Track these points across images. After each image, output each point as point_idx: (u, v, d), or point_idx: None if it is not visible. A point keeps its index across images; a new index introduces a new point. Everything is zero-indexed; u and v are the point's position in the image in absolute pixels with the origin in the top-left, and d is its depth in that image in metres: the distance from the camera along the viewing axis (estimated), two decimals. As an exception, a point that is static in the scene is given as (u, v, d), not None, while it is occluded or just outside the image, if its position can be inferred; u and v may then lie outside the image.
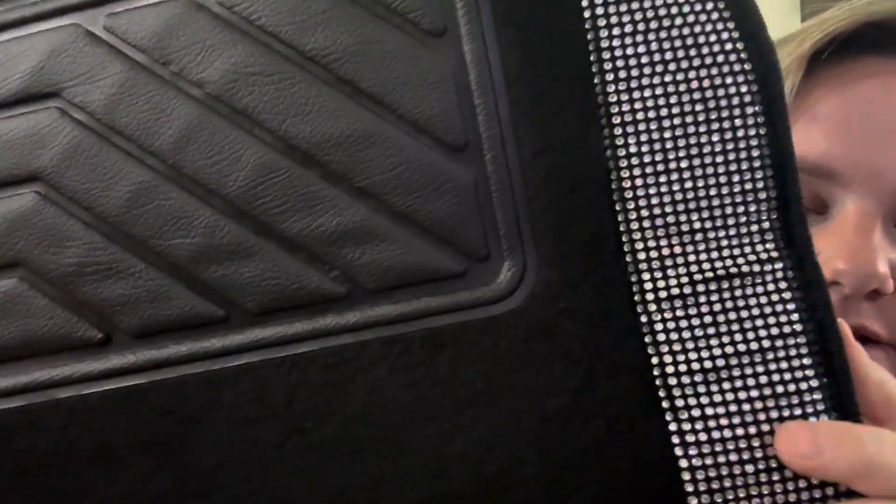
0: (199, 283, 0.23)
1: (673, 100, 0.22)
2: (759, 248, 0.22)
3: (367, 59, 0.22)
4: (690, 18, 0.21)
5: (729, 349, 0.21)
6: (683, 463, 0.21)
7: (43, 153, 0.23)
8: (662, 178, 0.22)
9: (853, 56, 0.36)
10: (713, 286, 0.21)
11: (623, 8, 0.22)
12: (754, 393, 0.21)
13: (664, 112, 0.22)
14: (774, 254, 0.21)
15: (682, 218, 0.22)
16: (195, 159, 0.23)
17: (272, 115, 0.23)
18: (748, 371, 0.21)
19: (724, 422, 0.21)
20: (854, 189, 0.35)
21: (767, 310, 0.21)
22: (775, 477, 0.20)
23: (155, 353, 0.23)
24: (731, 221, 0.22)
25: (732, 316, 0.21)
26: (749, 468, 0.20)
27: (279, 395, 0.22)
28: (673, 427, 0.21)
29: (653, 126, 0.22)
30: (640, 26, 0.22)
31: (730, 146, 0.22)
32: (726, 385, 0.21)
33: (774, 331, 0.21)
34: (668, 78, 0.22)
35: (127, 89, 0.23)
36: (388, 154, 0.22)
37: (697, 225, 0.22)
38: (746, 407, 0.21)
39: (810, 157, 0.35)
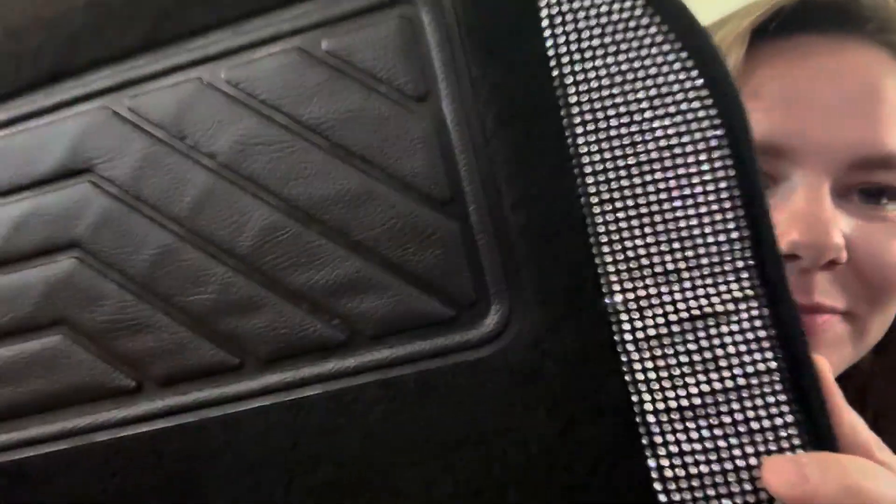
0: (216, 334, 0.25)
1: (640, 148, 0.23)
2: (734, 286, 0.22)
3: (357, 124, 0.24)
4: (653, 71, 0.22)
5: (705, 387, 0.22)
6: (663, 498, 0.21)
7: (79, 223, 0.26)
8: (635, 223, 0.23)
9: (795, 33, 0.36)
10: (688, 326, 0.22)
11: (589, 65, 0.23)
12: (731, 430, 0.21)
13: (632, 161, 0.23)
14: (749, 292, 0.22)
15: (656, 260, 0.23)
16: (209, 222, 0.25)
17: (275, 179, 0.25)
18: (724, 408, 0.22)
19: (701, 458, 0.21)
20: (802, 163, 0.35)
21: (742, 348, 0.22)
22: None
23: (179, 398, 0.25)
24: (704, 262, 0.22)
25: (708, 355, 0.22)
26: (726, 503, 0.21)
27: (285, 438, 0.24)
28: (652, 464, 0.22)
29: (623, 174, 0.23)
30: (606, 81, 0.23)
31: (698, 189, 0.22)
32: (703, 422, 0.22)
33: (750, 368, 0.22)
34: (635, 128, 0.23)
35: (149, 162, 0.26)
36: (380, 210, 0.24)
37: (671, 266, 0.22)
38: (723, 444, 0.21)
39: (757, 134, 0.34)
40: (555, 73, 0.23)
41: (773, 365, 0.22)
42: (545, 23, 0.23)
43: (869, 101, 0.35)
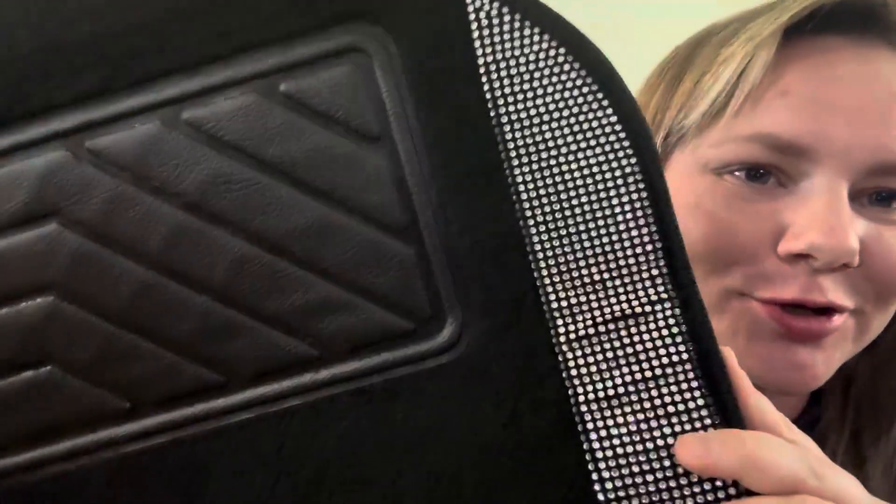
0: (200, 357, 0.28)
1: (567, 177, 0.26)
2: (651, 291, 0.26)
3: (318, 162, 0.27)
4: (575, 109, 0.26)
5: (628, 378, 0.26)
6: (595, 476, 0.26)
7: (52, 264, 0.28)
8: (566, 241, 0.26)
9: (826, 33, 0.37)
10: (612, 326, 0.26)
11: (521, 107, 0.26)
12: (651, 413, 0.26)
13: (561, 187, 0.26)
14: (664, 295, 0.26)
15: (584, 272, 0.26)
16: (182, 258, 0.28)
17: (243, 215, 0.27)
18: (645, 395, 0.26)
19: (627, 440, 0.26)
20: (823, 165, 0.36)
21: (658, 343, 0.26)
22: (673, 484, 0.25)
23: (172, 415, 0.28)
24: (624, 272, 0.26)
25: (629, 350, 0.26)
26: (650, 477, 0.25)
27: (270, 445, 0.27)
28: (586, 447, 0.26)
29: (553, 199, 0.26)
30: (536, 119, 0.26)
31: (617, 210, 0.26)
32: (627, 408, 0.26)
33: (665, 360, 0.26)
34: (562, 160, 0.26)
35: (117, 203, 0.28)
36: (342, 239, 0.27)
37: (597, 276, 0.26)
38: (645, 426, 0.26)
39: (783, 134, 0.36)
40: (492, 114, 0.26)
41: (686, 356, 0.26)
42: (482, 70, 0.26)
43: (891, 108, 0.36)
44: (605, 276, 0.26)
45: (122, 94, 0.28)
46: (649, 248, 0.26)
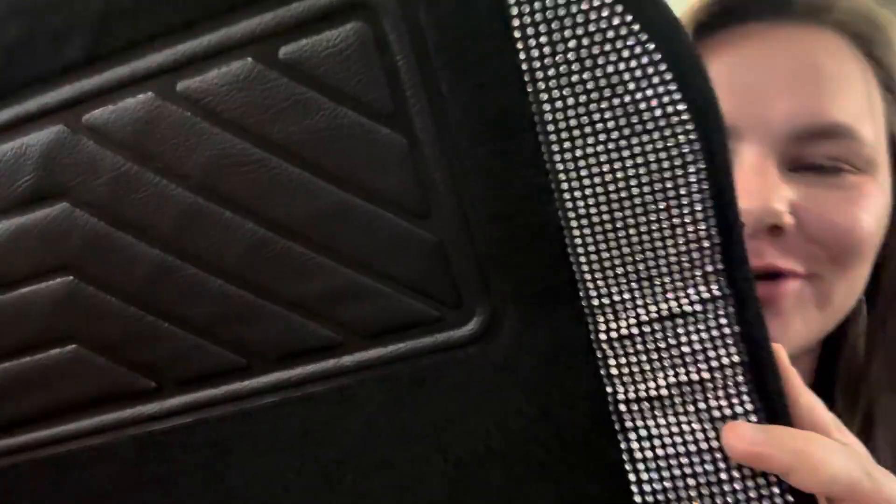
0: (221, 339, 0.27)
1: (617, 165, 0.23)
2: (703, 289, 0.24)
3: (329, 143, 0.24)
4: (632, 86, 0.22)
5: (672, 380, 0.24)
6: (632, 477, 0.25)
7: (66, 244, 0.26)
8: (611, 235, 0.23)
9: (738, 23, 0.39)
10: (658, 326, 0.24)
11: (564, 81, 0.22)
12: (695, 417, 0.24)
13: (609, 177, 0.23)
14: (717, 293, 0.24)
15: (630, 268, 0.24)
16: (196, 240, 0.26)
17: (254, 198, 0.25)
18: (690, 398, 0.24)
19: (668, 441, 0.24)
20: (747, 139, 0.38)
21: (709, 345, 0.24)
22: (715, 489, 0.24)
23: (197, 396, 0.28)
24: (675, 269, 0.23)
25: (676, 352, 0.24)
26: (691, 481, 0.24)
27: (294, 429, 0.27)
28: (623, 446, 0.25)
29: (599, 189, 0.23)
30: (582, 97, 0.22)
31: (673, 203, 0.23)
32: (670, 411, 0.24)
33: (714, 363, 0.24)
34: (612, 145, 0.22)
35: (124, 184, 0.25)
36: (362, 224, 0.25)
37: (644, 273, 0.24)
38: (688, 428, 0.24)
39: None
40: (529, 88, 0.22)
41: (737, 359, 0.24)
42: (517, 34, 0.22)
43: (805, 76, 0.37)
44: (654, 272, 0.24)
45: (110, 61, 0.24)
46: (706, 244, 0.23)
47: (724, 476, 0.24)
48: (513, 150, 0.23)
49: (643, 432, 0.25)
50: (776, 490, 0.24)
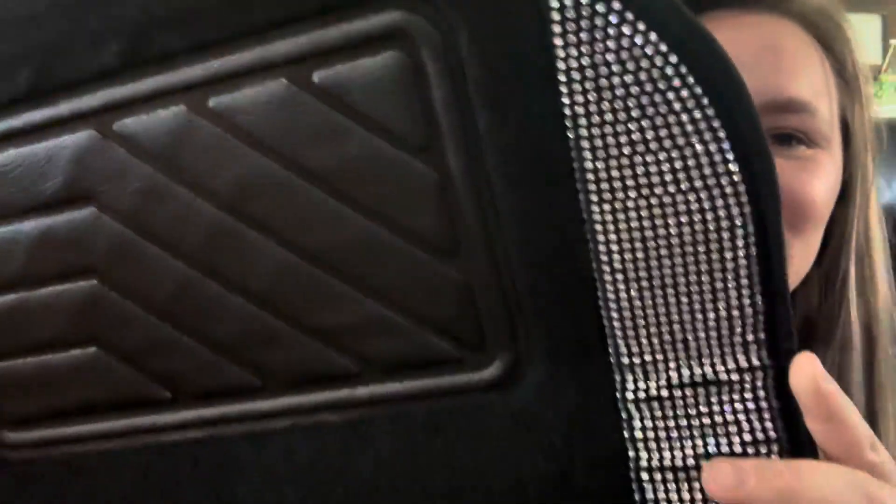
0: (239, 358, 0.26)
1: (659, 221, 0.21)
2: (742, 359, 0.22)
3: (360, 172, 0.23)
4: (681, 141, 0.20)
5: (701, 451, 0.23)
6: None
7: (93, 248, 0.26)
8: (647, 294, 0.22)
9: (711, 10, 0.41)
10: (690, 391, 0.23)
11: (609, 129, 0.21)
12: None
13: (650, 233, 0.21)
14: (756, 363, 0.22)
15: (665, 329, 0.22)
16: (221, 258, 0.25)
17: (283, 222, 0.24)
18: None
19: None
20: None
21: (742, 417, 0.22)
22: None
23: (211, 411, 0.27)
24: (713, 334, 0.22)
25: (707, 420, 0.23)
26: None
27: (304, 457, 0.26)
28: None
29: (638, 245, 0.22)
30: (627, 149, 0.21)
31: (717, 266, 0.21)
32: (696, 484, 0.23)
33: (748, 437, 0.22)
34: (654, 201, 0.21)
35: (153, 194, 0.25)
36: (387, 258, 0.24)
37: (680, 336, 0.22)
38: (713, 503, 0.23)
39: None
40: (570, 134, 0.21)
41: (773, 435, 0.22)
42: (562, 77, 0.20)
43: (770, 56, 0.40)
44: (690, 335, 0.22)
45: (144, 72, 0.24)
46: (749, 311, 0.21)
47: None
48: (550, 196, 0.22)
49: None
50: None
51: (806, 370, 0.21)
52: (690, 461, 0.23)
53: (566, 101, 0.21)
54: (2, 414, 0.30)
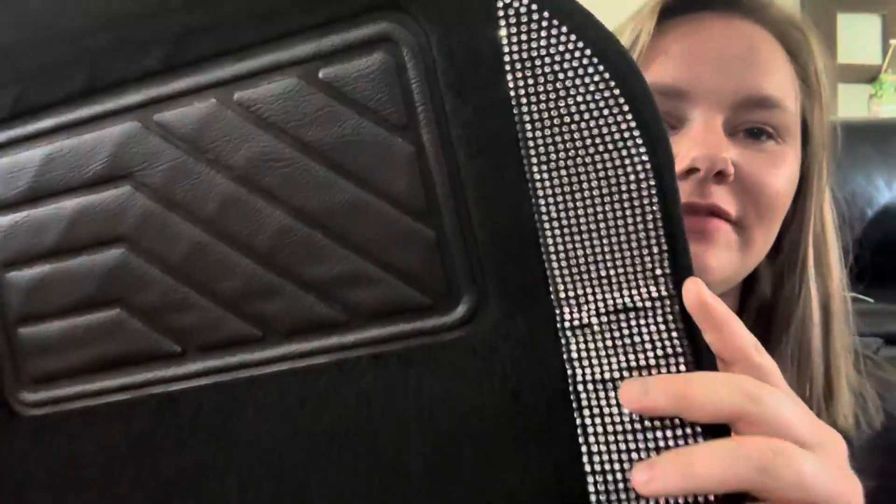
0: (242, 313, 0.31)
1: (583, 178, 0.28)
2: (653, 289, 0.28)
3: (351, 147, 0.29)
4: (596, 113, 0.27)
5: (624, 364, 0.28)
6: (584, 448, 0.28)
7: (124, 220, 0.32)
8: (577, 238, 0.28)
9: (699, 12, 0.48)
10: (614, 317, 0.28)
11: (543, 106, 0.27)
12: None
13: (576, 187, 0.28)
14: (664, 293, 0.28)
15: (592, 267, 0.28)
16: (232, 224, 0.31)
17: (285, 190, 0.30)
18: None
19: (616, 419, 0.28)
20: (699, 104, 0.46)
21: (655, 336, 0.28)
22: (642, 445, 0.27)
23: (215, 362, 0.32)
24: (629, 269, 0.28)
25: (628, 340, 0.28)
26: (632, 445, 0.28)
27: (295, 397, 0.31)
28: (579, 422, 0.29)
29: (568, 199, 0.28)
30: (557, 120, 0.27)
31: (629, 213, 0.28)
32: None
33: (660, 352, 0.28)
34: (579, 161, 0.28)
35: (179, 171, 0.31)
36: (371, 219, 0.30)
37: (604, 273, 0.28)
38: None
39: (665, 81, 0.46)
40: (515, 111, 0.28)
41: (680, 350, 0.28)
42: (507, 66, 0.27)
43: (748, 56, 0.47)
44: (612, 272, 0.28)
45: (182, 72, 0.30)
46: (655, 249, 0.28)
47: (658, 435, 0.27)
48: (501, 164, 0.28)
49: (596, 410, 0.28)
50: (689, 431, 0.27)
51: (693, 290, 0.27)
52: (616, 374, 0.28)
53: (511, 84, 0.27)
54: (22, 375, 0.34)
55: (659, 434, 0.27)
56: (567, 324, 0.29)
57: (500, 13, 0.27)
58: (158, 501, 0.31)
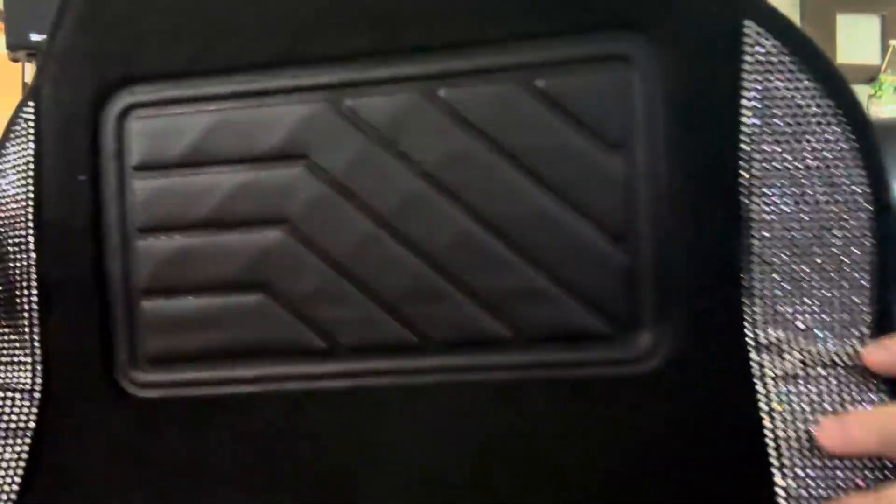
0: (401, 316, 0.29)
1: (806, 226, 0.27)
2: (859, 346, 0.27)
3: (556, 158, 0.28)
4: (831, 170, 0.27)
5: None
6: None
7: (292, 201, 0.29)
8: (786, 285, 0.27)
9: None
10: (822, 371, 0.26)
11: (774, 148, 0.27)
12: (848, 462, 0.26)
13: (796, 234, 0.27)
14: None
15: (798, 317, 0.27)
16: (410, 221, 0.29)
17: (473, 193, 0.29)
18: None
19: (821, 483, 0.26)
20: None
21: (856, 395, 0.26)
22: None
23: (362, 364, 0.29)
24: (836, 324, 0.27)
25: (836, 398, 0.26)
26: None
27: (445, 413, 0.28)
28: (779, 482, 0.26)
29: (783, 243, 0.27)
30: (788, 165, 0.27)
31: (846, 269, 0.27)
32: (825, 452, 0.26)
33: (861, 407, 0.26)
34: (803, 207, 0.27)
35: (363, 160, 0.29)
36: (562, 234, 0.28)
37: (811, 323, 0.27)
38: (841, 474, 0.26)
39: None
40: (744, 146, 0.27)
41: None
42: (744, 102, 0.27)
43: None
44: (819, 323, 0.27)
45: (388, 59, 0.29)
46: (866, 308, 0.26)
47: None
48: (716, 198, 0.27)
49: (800, 472, 0.26)
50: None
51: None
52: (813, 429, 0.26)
53: (745, 121, 0.27)
54: (140, 352, 0.30)
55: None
56: (769, 372, 0.27)
57: (747, 48, 0.27)
58: (302, 500, 0.27)
